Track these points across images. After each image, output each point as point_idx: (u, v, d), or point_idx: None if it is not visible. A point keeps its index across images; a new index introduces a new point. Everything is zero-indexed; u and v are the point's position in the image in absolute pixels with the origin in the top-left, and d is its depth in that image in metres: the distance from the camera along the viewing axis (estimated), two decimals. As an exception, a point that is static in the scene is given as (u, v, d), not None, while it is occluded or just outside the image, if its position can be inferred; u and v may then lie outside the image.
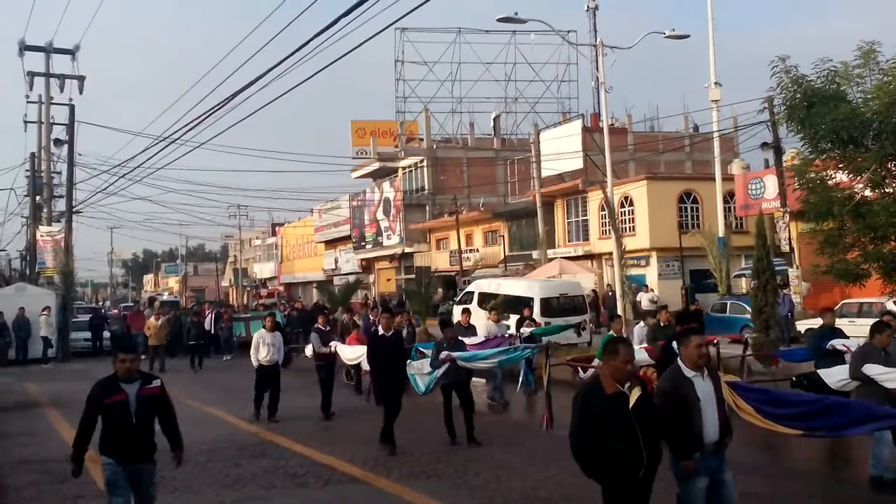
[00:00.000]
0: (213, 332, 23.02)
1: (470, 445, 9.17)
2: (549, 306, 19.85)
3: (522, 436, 10.48)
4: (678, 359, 4.86)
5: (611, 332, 10.79)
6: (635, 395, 4.27)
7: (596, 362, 10.59)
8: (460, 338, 10.80)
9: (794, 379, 7.92)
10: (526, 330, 14.45)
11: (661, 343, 9.95)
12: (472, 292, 23.94)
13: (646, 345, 11.21)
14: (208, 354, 21.76)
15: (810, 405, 5.66)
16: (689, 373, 4.74)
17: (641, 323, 12.31)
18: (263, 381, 11.77)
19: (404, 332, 14.02)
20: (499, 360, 10.74)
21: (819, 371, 7.86)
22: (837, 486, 7.66)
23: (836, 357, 8.81)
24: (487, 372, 12.27)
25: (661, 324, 11.61)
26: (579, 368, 11.25)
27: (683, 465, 4.62)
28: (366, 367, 11.97)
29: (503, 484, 7.63)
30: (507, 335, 13.58)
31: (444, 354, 9.60)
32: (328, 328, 13.35)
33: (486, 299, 22.48)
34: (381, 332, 9.77)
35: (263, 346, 11.76)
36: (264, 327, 12.12)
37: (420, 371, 9.95)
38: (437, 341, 10.54)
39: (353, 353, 12.94)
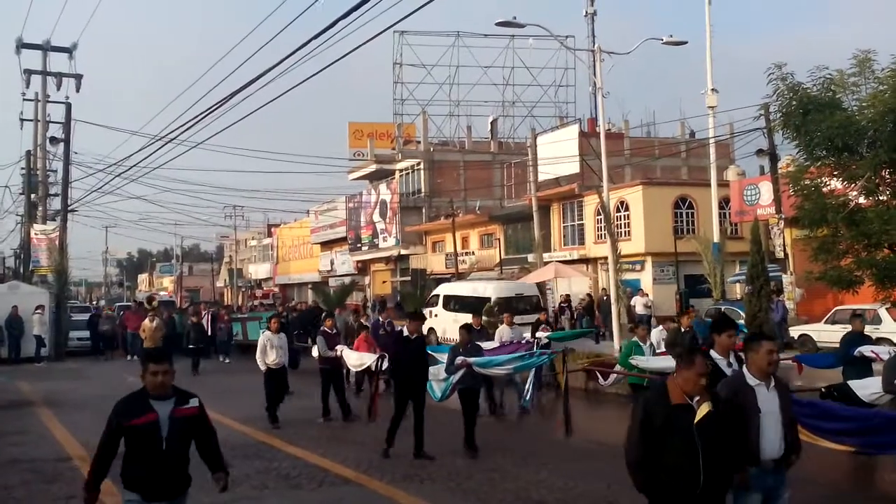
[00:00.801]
0: (209, 333, 22.64)
1: (466, 452, 9.06)
2: (504, 304, 20.89)
3: (515, 439, 10.49)
4: (743, 365, 4.54)
5: (634, 339, 10.34)
6: (703, 410, 3.94)
7: (618, 368, 10.29)
8: (476, 342, 10.42)
9: (822, 390, 7.64)
10: (542, 335, 14.08)
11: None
12: (438, 295, 24.75)
13: (663, 349, 10.88)
14: (207, 356, 21.31)
15: (865, 420, 5.31)
16: (752, 381, 4.39)
17: (661, 327, 11.91)
18: (273, 384, 11.37)
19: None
20: (514, 367, 10.38)
21: (850, 382, 7.57)
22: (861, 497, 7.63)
23: (865, 364, 8.60)
24: (503, 380, 11.86)
25: (683, 329, 11.57)
26: (598, 374, 10.83)
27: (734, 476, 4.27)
28: (373, 369, 11.72)
29: (496, 486, 7.64)
30: (524, 341, 13.19)
31: (459, 359, 9.38)
32: (335, 331, 12.91)
33: (450, 301, 23.35)
34: (405, 334, 9.38)
35: (271, 350, 11.33)
36: (269, 329, 11.69)
37: (436, 377, 9.66)
38: (453, 346, 10.18)
39: (358, 359, 12.49)
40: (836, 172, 12.11)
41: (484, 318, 24.35)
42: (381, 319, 16.90)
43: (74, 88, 27.95)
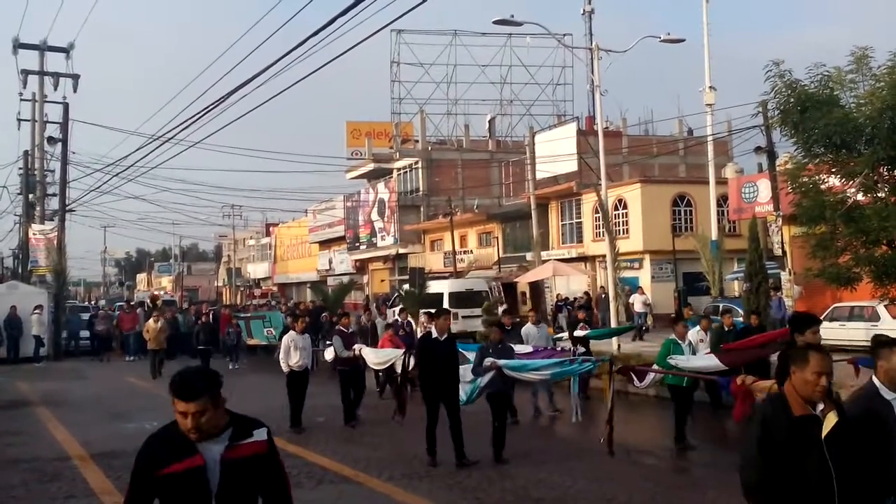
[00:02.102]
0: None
1: (497, 464, 8.39)
2: (457, 299, 23.96)
3: (513, 437, 10.46)
4: (872, 376, 3.88)
5: (672, 337, 9.55)
6: (831, 420, 3.32)
7: (655, 367, 9.68)
8: (508, 343, 9.66)
9: None
10: (580, 332, 13.26)
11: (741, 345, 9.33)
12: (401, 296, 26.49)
13: (708, 350, 10.47)
14: (212, 357, 19.99)
15: None
16: (888, 394, 3.72)
17: (698, 327, 11.28)
18: (296, 386, 10.91)
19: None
20: (552, 373, 9.48)
21: None
22: None
23: None
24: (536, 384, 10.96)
25: (725, 328, 11.23)
26: (634, 376, 9.75)
27: None
28: (397, 370, 11.13)
29: (495, 485, 7.65)
30: (559, 347, 12.18)
31: (489, 361, 8.68)
32: (351, 330, 12.41)
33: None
34: (433, 335, 8.76)
35: (295, 351, 10.91)
36: (293, 329, 11.30)
37: (462, 378, 8.92)
38: (482, 346, 9.35)
39: (379, 357, 11.89)
40: (834, 169, 12.12)
41: (483, 314, 24.56)
42: (399, 319, 16.16)
43: (72, 88, 27.98)
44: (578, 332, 13.25)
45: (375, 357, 11.98)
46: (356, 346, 11.80)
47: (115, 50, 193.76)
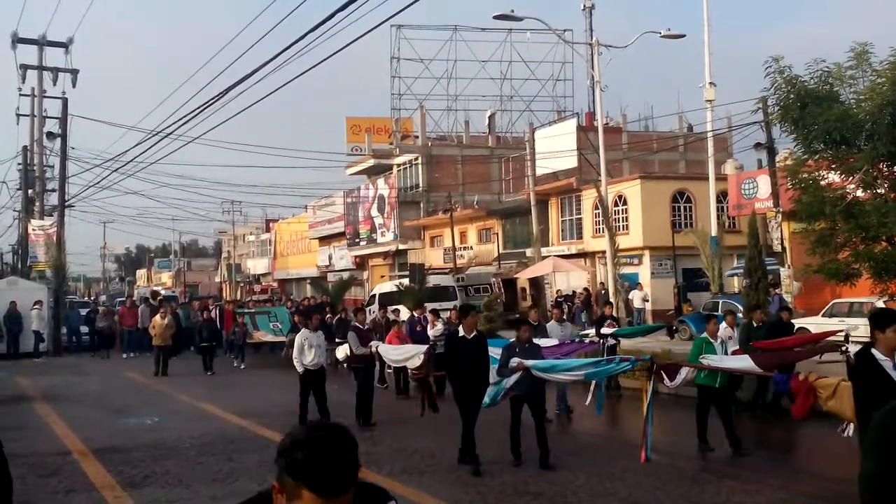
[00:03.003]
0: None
1: (544, 471, 7.90)
2: (425, 293, 24.54)
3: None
4: None
5: (705, 335, 9.17)
6: None
7: (685, 369, 9.25)
8: (535, 341, 9.12)
9: None
10: (607, 330, 12.90)
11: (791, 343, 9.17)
12: (375, 295, 27.24)
13: (737, 347, 10.22)
14: (215, 354, 19.59)
15: None
16: None
17: (724, 324, 10.91)
18: (309, 387, 10.65)
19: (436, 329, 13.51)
20: (586, 374, 8.93)
21: None
22: None
23: None
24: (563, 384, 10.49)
25: (755, 324, 11.16)
26: (665, 375, 9.30)
27: None
28: (411, 366, 11.00)
29: (496, 479, 7.67)
30: (587, 340, 11.80)
31: (515, 361, 8.13)
32: (367, 327, 12.07)
33: (385, 300, 24.35)
34: (461, 333, 8.37)
35: (309, 349, 10.63)
36: (307, 327, 11.03)
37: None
38: (508, 344, 8.81)
39: (398, 353, 11.51)
40: (833, 165, 12.12)
41: (483, 310, 24.50)
42: (416, 315, 15.61)
43: (71, 83, 27.97)
44: (605, 329, 12.96)
45: (394, 354, 11.67)
46: (373, 343, 11.50)
47: (115, 45, 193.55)
